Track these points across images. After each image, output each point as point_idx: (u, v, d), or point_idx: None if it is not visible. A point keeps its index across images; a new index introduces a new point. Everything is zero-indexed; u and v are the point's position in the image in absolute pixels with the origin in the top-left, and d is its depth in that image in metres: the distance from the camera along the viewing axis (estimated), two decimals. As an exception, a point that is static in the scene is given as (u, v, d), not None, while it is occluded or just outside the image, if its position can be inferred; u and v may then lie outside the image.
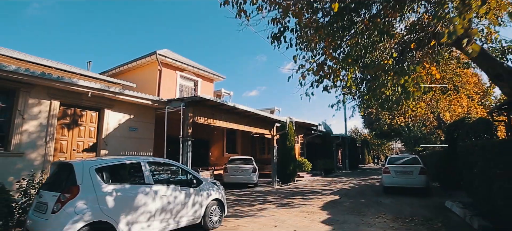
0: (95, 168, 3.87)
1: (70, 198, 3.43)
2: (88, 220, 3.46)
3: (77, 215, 3.38)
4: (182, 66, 13.62)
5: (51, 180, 4.19)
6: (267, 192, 10.58)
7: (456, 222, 5.76)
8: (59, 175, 4.03)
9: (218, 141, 15.43)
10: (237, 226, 5.55)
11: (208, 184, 5.43)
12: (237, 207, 7.61)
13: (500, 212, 4.88)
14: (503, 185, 4.68)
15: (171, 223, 4.62)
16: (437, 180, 11.80)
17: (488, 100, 14.43)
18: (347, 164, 24.80)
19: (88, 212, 3.49)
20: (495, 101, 14.39)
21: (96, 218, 3.56)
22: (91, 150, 7.53)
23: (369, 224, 5.57)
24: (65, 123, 7.01)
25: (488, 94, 13.74)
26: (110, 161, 4.18)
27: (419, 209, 7.14)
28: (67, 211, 3.35)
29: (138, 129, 8.71)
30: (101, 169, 3.94)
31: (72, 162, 3.85)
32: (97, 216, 3.58)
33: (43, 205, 3.59)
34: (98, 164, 3.94)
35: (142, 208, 4.18)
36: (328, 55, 3.88)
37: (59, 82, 6.22)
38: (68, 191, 3.50)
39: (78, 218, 3.37)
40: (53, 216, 3.34)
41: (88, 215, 3.48)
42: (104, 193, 3.77)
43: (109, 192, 3.83)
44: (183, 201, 4.82)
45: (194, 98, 8.23)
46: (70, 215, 3.34)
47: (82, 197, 3.53)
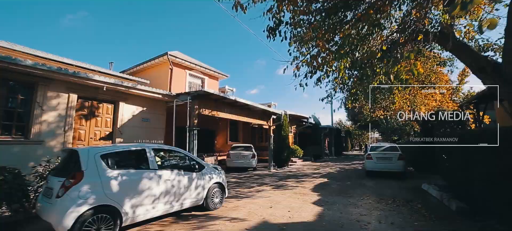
0: (101, 154, 3.44)
1: (75, 183, 3.02)
2: (92, 203, 3.05)
3: (81, 199, 2.97)
4: (190, 66, 13.11)
5: (59, 166, 3.78)
6: (265, 175, 10.21)
7: (434, 203, 5.37)
8: (66, 161, 3.61)
9: (223, 130, 15.02)
10: (236, 207, 5.16)
11: (209, 169, 5.01)
12: (237, 189, 7.22)
13: (476, 195, 4.49)
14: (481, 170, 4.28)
15: (175, 205, 4.22)
16: (412, 165, 11.42)
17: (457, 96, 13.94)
18: (333, 151, 24.47)
19: (92, 196, 3.08)
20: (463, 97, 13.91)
21: (100, 202, 3.16)
22: (107, 138, 7.10)
23: (356, 205, 5.18)
24: (83, 114, 6.56)
25: (457, 91, 13.24)
26: (115, 147, 3.75)
27: (399, 191, 6.75)
28: (71, 195, 2.94)
29: (150, 119, 8.27)
30: (106, 155, 3.52)
31: (78, 149, 3.42)
32: (101, 200, 3.17)
33: (49, 190, 3.18)
34: (103, 151, 3.52)
35: (146, 192, 3.78)
36: (321, 47, 3.42)
37: (75, 77, 5.75)
38: (73, 177, 3.08)
39: (82, 202, 2.96)
40: (57, 201, 2.93)
41: (92, 199, 3.07)
42: (109, 178, 3.36)
43: (114, 177, 3.42)
44: (186, 185, 4.42)
45: (199, 92, 7.77)
46: (74, 200, 2.93)
47: (87, 182, 3.11)
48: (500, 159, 3.68)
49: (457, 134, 5.18)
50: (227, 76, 15.48)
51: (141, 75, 12.64)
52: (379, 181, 8.44)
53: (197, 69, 13.59)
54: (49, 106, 5.64)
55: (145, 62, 13.04)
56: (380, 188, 7.13)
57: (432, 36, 3.79)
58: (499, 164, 3.71)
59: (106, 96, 6.98)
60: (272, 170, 11.91)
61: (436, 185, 6.50)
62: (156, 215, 3.94)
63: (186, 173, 4.49)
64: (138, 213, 3.64)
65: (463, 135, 4.89)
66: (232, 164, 11.22)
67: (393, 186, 7.47)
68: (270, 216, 4.49)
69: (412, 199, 5.68)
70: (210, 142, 13.95)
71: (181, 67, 12.80)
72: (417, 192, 6.60)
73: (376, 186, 7.46)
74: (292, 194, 6.42)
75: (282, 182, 8.36)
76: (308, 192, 6.62)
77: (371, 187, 7.30)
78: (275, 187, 7.50)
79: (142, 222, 3.89)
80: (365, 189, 7.08)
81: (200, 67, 13.68)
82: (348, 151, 37.30)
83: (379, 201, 5.55)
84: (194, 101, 7.77)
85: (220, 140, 14.75)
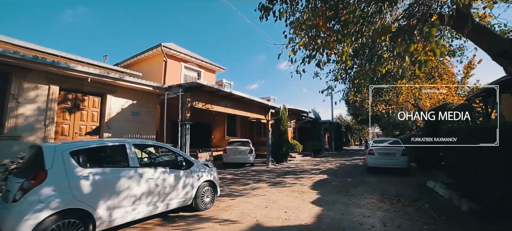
0: (70, 151, 3.02)
1: (35, 185, 2.60)
2: (56, 208, 2.64)
3: (42, 203, 2.56)
4: (186, 58, 12.61)
5: (23, 165, 3.37)
6: (262, 171, 9.83)
7: (442, 203, 4.98)
8: (31, 159, 3.19)
9: (220, 125, 14.61)
10: (229, 207, 4.77)
11: (199, 166, 4.61)
12: (232, 186, 6.84)
13: (489, 195, 4.09)
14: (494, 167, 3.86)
15: (159, 206, 3.83)
16: (414, 161, 11.03)
17: (462, 90, 13.44)
18: (333, 146, 24.12)
19: (56, 200, 2.67)
20: (469, 91, 13.41)
21: (67, 205, 2.75)
22: (94, 133, 6.69)
23: (358, 205, 4.79)
24: (66, 107, 6.13)
25: (463, 84, 12.74)
26: (89, 143, 3.33)
27: (403, 188, 6.37)
28: (29, 199, 2.53)
29: (140, 113, 7.84)
30: (77, 152, 3.10)
31: (43, 145, 3.00)
32: (68, 203, 2.76)
33: (8, 193, 2.77)
34: (73, 147, 3.09)
35: (125, 192, 3.37)
36: (321, 26, 2.95)
37: (54, 67, 5.29)
38: (34, 177, 2.67)
39: (42, 207, 2.55)
40: (14, 205, 2.52)
41: (57, 202, 2.67)
42: (79, 178, 2.95)
43: (86, 176, 3.00)
44: (172, 183, 4.02)
45: (191, 84, 7.31)
46: (33, 204, 2.52)
47: (51, 183, 2.70)
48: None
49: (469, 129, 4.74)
50: (224, 69, 14.98)
51: (136, 68, 12.15)
52: (381, 177, 8.06)
53: (193, 61, 13.09)
54: (26, 99, 5.21)
55: (138, 55, 12.54)
56: (383, 185, 6.74)
57: (448, 18, 3.32)
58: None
59: (92, 89, 6.54)
60: (270, 166, 11.55)
61: (443, 183, 6.11)
62: (137, 217, 3.56)
63: (172, 170, 4.09)
64: (116, 216, 3.24)
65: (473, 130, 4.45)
66: (228, 160, 10.85)
67: (396, 183, 7.08)
68: (264, 217, 4.11)
69: (418, 198, 5.29)
70: (207, 136, 13.56)
71: (176, 59, 12.30)
72: (423, 190, 6.22)
73: (378, 183, 7.08)
74: (290, 192, 6.04)
75: (279, 179, 7.98)
76: (306, 190, 6.24)
77: (374, 184, 6.92)
78: (272, 184, 7.12)
79: (121, 226, 3.50)
80: (367, 186, 6.69)
81: (196, 59, 13.17)
82: (348, 146, 36.98)
83: (382, 200, 5.16)
84: (186, 94, 7.32)
85: (217, 134, 14.35)
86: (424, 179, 7.32)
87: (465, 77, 12.85)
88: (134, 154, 3.69)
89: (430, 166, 9.46)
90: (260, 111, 11.49)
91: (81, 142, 3.34)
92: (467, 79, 13.06)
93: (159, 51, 11.59)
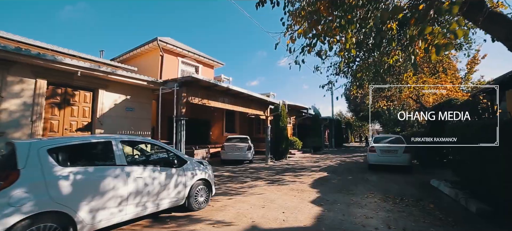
0: (48, 148, 2.76)
1: (4, 187, 2.35)
2: (28, 211, 2.39)
3: (11, 207, 2.31)
4: (183, 53, 12.28)
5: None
6: (261, 168, 9.60)
7: (448, 203, 4.74)
8: (5, 158, 2.93)
9: (218, 121, 14.36)
10: (224, 206, 4.54)
11: (193, 164, 4.36)
12: (229, 184, 6.61)
13: (500, 195, 3.84)
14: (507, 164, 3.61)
15: (149, 206, 3.59)
16: (416, 158, 10.80)
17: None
18: (333, 143, 23.90)
19: (29, 203, 2.41)
20: (472, 87, 13.09)
21: (43, 208, 2.50)
22: (86, 129, 6.43)
23: (359, 205, 4.56)
24: (55, 102, 5.86)
25: (467, 80, 12.44)
26: (70, 140, 3.06)
27: (406, 187, 6.13)
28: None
29: (135, 109, 7.58)
30: (57, 149, 2.84)
31: (16, 142, 2.74)
32: (44, 205, 2.52)
33: (-24, 194, 2.52)
34: (52, 144, 2.83)
35: (111, 192, 3.13)
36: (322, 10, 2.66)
37: (39, 59, 5.01)
38: (3, 178, 2.41)
39: (11, 211, 2.30)
40: (-21, 209, 2.27)
41: (30, 205, 2.41)
42: (58, 178, 2.69)
43: (65, 175, 2.75)
44: (163, 182, 3.78)
45: (186, 79, 7.02)
46: (1, 208, 2.27)
47: (23, 183, 2.45)
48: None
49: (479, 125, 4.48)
50: (222, 64, 14.65)
51: (132, 63, 11.84)
52: (383, 175, 7.82)
53: (190, 56, 12.77)
54: (11, 93, 4.94)
55: (135, 49, 12.21)
56: (385, 184, 6.51)
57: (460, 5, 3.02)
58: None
59: (83, 83, 6.26)
60: (269, 163, 11.32)
61: (448, 181, 5.88)
62: (124, 219, 3.32)
63: (163, 169, 3.84)
64: (100, 218, 3.00)
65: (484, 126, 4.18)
66: (226, 157, 10.61)
67: (398, 181, 6.85)
68: (261, 218, 3.87)
69: (422, 197, 5.05)
70: (205, 133, 13.32)
71: (173, 54, 11.98)
72: (426, 188, 5.98)
73: (380, 181, 6.85)
74: (289, 190, 5.80)
75: (278, 177, 7.75)
76: (306, 188, 6.01)
77: (375, 183, 6.68)
78: (271, 182, 6.89)
79: (107, 229, 3.26)
80: (368, 184, 6.46)
81: (194, 54, 12.85)
82: (348, 143, 36.81)
83: (385, 200, 4.93)
84: (181, 89, 7.04)
85: (215, 131, 14.11)
86: (427, 177, 7.10)
87: (468, 73, 12.54)
88: (121, 151, 3.43)
89: (433, 163, 9.22)
90: (258, 107, 11.23)
91: (61, 139, 3.07)
92: (470, 75, 12.76)
93: (156, 46, 11.27)
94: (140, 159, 4.01)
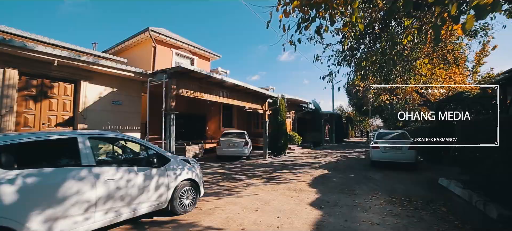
0: (-10, 147, 2.28)
1: None
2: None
3: None
4: (177, 44, 11.71)
5: None
6: (258, 165, 9.16)
7: (462, 205, 4.27)
8: None
9: (215, 115, 13.86)
10: (214, 209, 4.08)
11: (177, 162, 3.88)
12: (223, 182, 6.16)
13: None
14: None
15: (124, 211, 3.13)
16: (421, 155, 10.32)
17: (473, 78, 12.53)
18: (333, 138, 23.43)
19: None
20: (480, 79, 12.49)
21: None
22: (67, 124, 5.95)
23: (363, 208, 4.09)
24: (30, 94, 5.36)
25: (475, 72, 11.84)
26: (20, 137, 2.57)
27: (413, 186, 5.67)
28: None
29: (122, 102, 7.08)
30: (2, 149, 2.36)
31: None
32: (-22, 218, 2.05)
33: None
34: (-4, 142, 2.35)
35: (74, 198, 2.66)
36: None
37: (6, 46, 4.48)
38: None
39: None
40: None
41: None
42: (1, 183, 2.22)
43: (10, 180, 2.28)
44: (141, 184, 3.31)
45: (176, 69, 6.49)
46: None
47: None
48: None
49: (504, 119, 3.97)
50: (219, 56, 14.07)
51: (124, 55, 11.28)
52: (387, 173, 7.37)
53: (185, 48, 12.19)
54: (-25, 84, 4.44)
55: (126, 40, 11.62)
56: (390, 183, 6.05)
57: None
58: None
59: (63, 74, 5.75)
60: (267, 159, 10.88)
61: (459, 181, 5.41)
62: (92, 228, 2.86)
63: (141, 169, 3.37)
64: (59, 229, 2.54)
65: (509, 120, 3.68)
66: (222, 153, 10.16)
67: (404, 180, 6.39)
68: (252, 225, 3.41)
69: (432, 199, 4.59)
70: (201, 128, 12.85)
71: (166, 45, 11.41)
72: (435, 188, 5.52)
73: (384, 180, 6.39)
74: (286, 190, 5.35)
75: (275, 174, 7.30)
76: (304, 188, 5.56)
77: (379, 182, 6.22)
78: (267, 180, 6.44)
79: (72, 239, 2.80)
80: (372, 183, 6.00)
81: (188, 46, 12.26)
82: (349, 138, 36.38)
83: (391, 201, 4.47)
84: (171, 80, 6.53)
85: (212, 125, 13.63)
86: (435, 176, 6.64)
87: (477, 65, 11.92)
88: (89, 150, 2.95)
89: (439, 160, 8.75)
90: (256, 101, 10.71)
91: (7, 136, 2.58)
92: (478, 68, 12.14)
93: (147, 37, 10.70)
94: (113, 158, 3.53)
